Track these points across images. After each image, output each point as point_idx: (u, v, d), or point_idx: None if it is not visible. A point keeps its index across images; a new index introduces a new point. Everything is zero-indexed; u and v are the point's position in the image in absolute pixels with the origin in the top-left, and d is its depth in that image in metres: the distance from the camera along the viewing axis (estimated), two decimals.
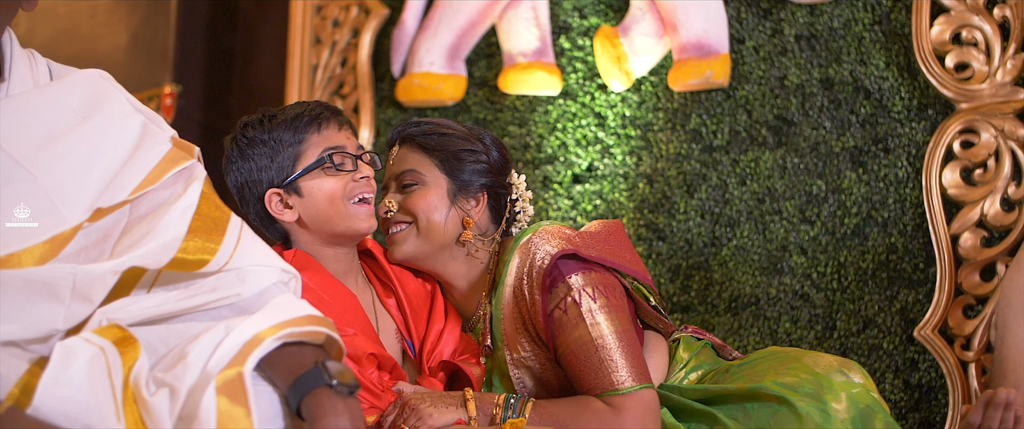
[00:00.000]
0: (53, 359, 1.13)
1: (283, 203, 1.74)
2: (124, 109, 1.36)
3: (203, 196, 1.33)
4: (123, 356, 1.16)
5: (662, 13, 2.74)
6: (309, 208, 1.73)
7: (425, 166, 1.79)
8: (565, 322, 1.65)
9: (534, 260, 1.68)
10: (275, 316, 1.23)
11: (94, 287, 1.20)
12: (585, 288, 1.65)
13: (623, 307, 1.69)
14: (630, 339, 1.65)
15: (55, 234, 1.22)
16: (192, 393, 1.12)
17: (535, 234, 1.72)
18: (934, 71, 2.47)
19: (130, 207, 1.29)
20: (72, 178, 1.27)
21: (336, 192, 1.73)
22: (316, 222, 1.74)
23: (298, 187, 1.73)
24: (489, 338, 1.75)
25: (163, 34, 3.33)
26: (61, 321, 1.18)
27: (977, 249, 2.38)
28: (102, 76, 1.39)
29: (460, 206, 1.79)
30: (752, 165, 2.64)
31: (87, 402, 1.12)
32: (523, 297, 1.69)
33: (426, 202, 1.77)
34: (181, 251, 1.26)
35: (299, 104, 1.78)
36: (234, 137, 1.76)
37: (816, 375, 1.62)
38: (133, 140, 1.34)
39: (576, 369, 1.65)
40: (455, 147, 1.79)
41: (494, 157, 1.83)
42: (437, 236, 1.77)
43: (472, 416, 1.61)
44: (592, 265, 1.69)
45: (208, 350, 1.16)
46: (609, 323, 1.64)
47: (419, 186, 1.78)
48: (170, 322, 1.26)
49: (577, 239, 1.72)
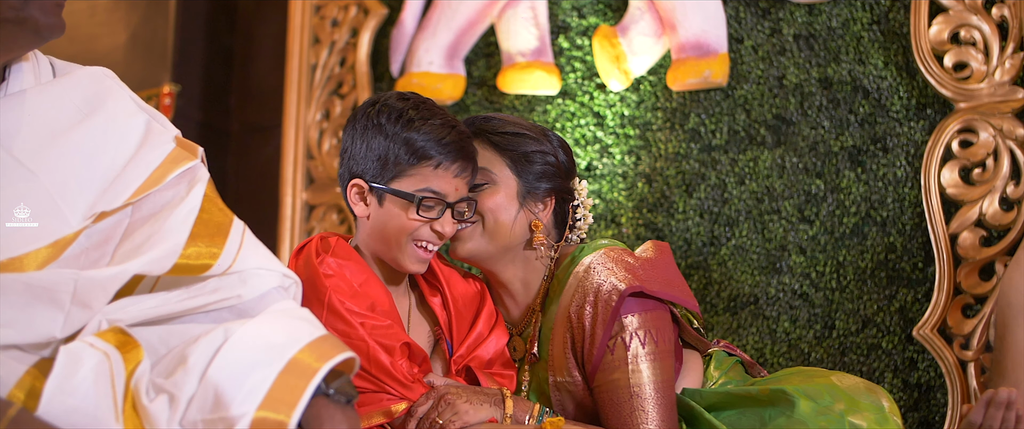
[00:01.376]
0: (58, 365, 1.12)
1: (361, 196, 1.72)
2: (128, 107, 1.35)
3: (206, 198, 1.32)
4: (126, 362, 1.15)
5: (661, 13, 2.74)
6: (377, 220, 1.71)
7: (496, 165, 1.76)
8: (609, 361, 1.64)
9: (600, 292, 1.65)
10: (296, 334, 1.19)
11: (95, 294, 1.19)
12: (637, 331, 1.64)
13: (669, 352, 1.68)
14: (667, 390, 1.64)
15: (58, 238, 1.21)
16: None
17: (597, 258, 1.69)
18: (933, 70, 2.47)
19: (132, 208, 1.29)
20: (74, 177, 1.25)
21: (407, 228, 1.69)
22: (375, 234, 1.72)
23: (382, 196, 1.69)
24: (536, 347, 1.74)
25: (162, 33, 3.33)
26: (59, 329, 1.17)
27: (976, 248, 2.39)
28: (105, 73, 1.38)
29: (529, 209, 1.76)
30: (751, 164, 2.64)
31: (92, 411, 1.11)
32: (580, 326, 1.67)
33: (495, 202, 1.74)
34: (183, 257, 1.25)
35: (445, 125, 1.69)
36: (370, 110, 1.71)
37: (841, 391, 1.65)
38: (137, 139, 1.33)
39: (606, 409, 1.65)
40: (527, 147, 1.76)
41: (562, 159, 1.80)
42: (502, 237, 1.75)
43: (509, 414, 1.60)
44: (650, 303, 1.67)
45: (207, 355, 1.15)
46: (651, 373, 1.63)
47: (489, 185, 1.75)
48: (170, 323, 1.25)
49: (640, 271, 1.69)
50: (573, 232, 1.83)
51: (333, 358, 1.17)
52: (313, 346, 1.18)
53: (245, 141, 3.47)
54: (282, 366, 1.14)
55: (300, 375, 1.14)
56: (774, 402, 1.65)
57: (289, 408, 1.11)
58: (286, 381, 1.13)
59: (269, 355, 1.15)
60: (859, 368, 2.47)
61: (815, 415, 1.60)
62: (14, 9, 1.22)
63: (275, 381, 1.13)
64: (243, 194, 3.35)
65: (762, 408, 1.66)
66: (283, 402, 1.11)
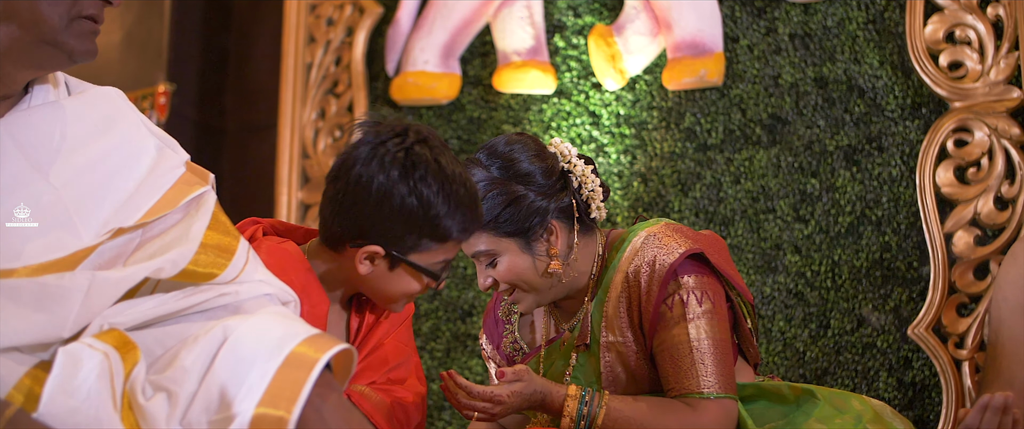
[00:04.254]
0: (57, 366, 1.11)
1: (372, 262, 1.65)
2: (139, 131, 1.37)
3: (214, 219, 1.33)
4: (124, 362, 1.15)
5: (656, 12, 2.74)
6: (378, 279, 1.67)
7: (489, 241, 1.74)
8: (668, 318, 1.67)
9: (658, 255, 1.69)
10: (293, 329, 1.19)
11: (106, 294, 1.19)
12: (694, 290, 1.67)
13: (725, 317, 1.70)
14: (725, 349, 1.67)
15: (73, 251, 1.22)
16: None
17: (656, 228, 1.73)
18: (928, 70, 2.47)
19: (143, 230, 1.30)
20: (90, 194, 1.27)
21: (409, 292, 1.68)
22: (368, 286, 1.69)
23: (397, 265, 1.65)
24: (589, 337, 1.76)
25: (157, 32, 3.32)
26: (67, 329, 1.17)
27: (970, 248, 2.39)
28: (118, 94, 1.40)
29: (539, 252, 1.75)
30: (746, 164, 2.65)
31: (94, 412, 1.11)
32: (636, 284, 1.70)
33: (513, 270, 1.74)
34: (192, 264, 1.26)
35: (467, 198, 1.63)
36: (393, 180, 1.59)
37: (867, 406, 1.71)
38: (149, 161, 1.34)
39: (666, 366, 1.67)
40: (497, 209, 1.72)
41: (540, 183, 1.76)
42: (540, 284, 1.76)
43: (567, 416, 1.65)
44: (707, 269, 1.70)
45: (208, 353, 1.15)
46: (709, 328, 1.65)
47: (497, 259, 1.75)
48: (166, 323, 1.25)
49: (702, 241, 1.73)
50: (593, 210, 1.79)
51: (332, 349, 1.17)
52: (312, 340, 1.18)
53: (240, 140, 3.46)
54: (281, 360, 1.14)
55: (300, 367, 1.13)
56: (800, 402, 1.71)
57: (289, 403, 1.10)
58: (286, 375, 1.12)
59: (268, 350, 1.15)
60: (854, 367, 2.47)
61: (834, 416, 1.67)
62: (53, 32, 1.24)
63: (275, 375, 1.12)
64: (239, 193, 3.35)
65: (787, 405, 1.72)
66: (283, 397, 1.11)
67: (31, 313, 1.16)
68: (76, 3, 1.25)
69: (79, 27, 1.26)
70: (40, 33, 1.23)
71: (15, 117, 1.27)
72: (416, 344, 1.88)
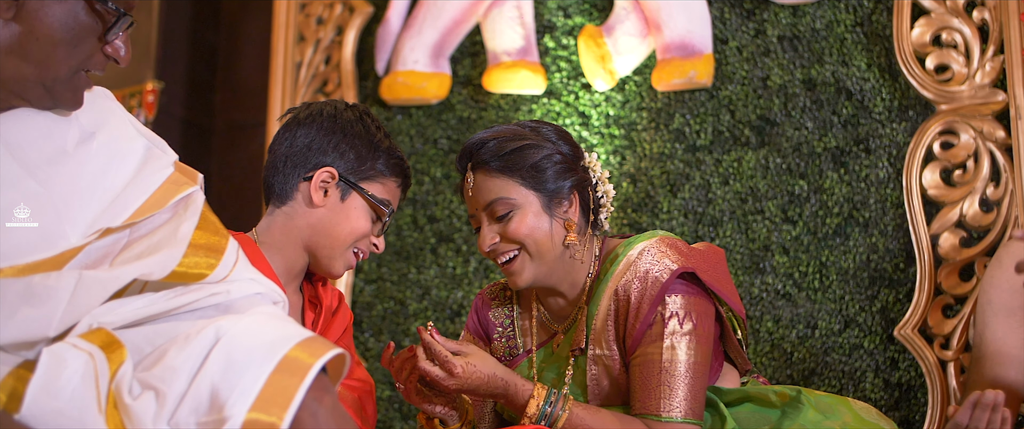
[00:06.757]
0: (41, 366, 1.10)
1: (325, 190, 1.70)
2: (127, 131, 1.36)
3: (203, 218, 1.33)
4: (110, 362, 1.14)
5: (646, 13, 2.75)
6: (329, 216, 1.71)
7: (511, 189, 1.70)
8: (647, 335, 1.65)
9: (650, 271, 1.66)
10: (287, 332, 1.18)
11: (94, 293, 1.19)
12: (679, 311, 1.64)
13: (708, 338, 1.68)
14: (699, 375, 1.64)
15: (60, 251, 1.21)
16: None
17: (651, 243, 1.70)
18: (915, 72, 2.49)
19: (130, 230, 1.29)
20: (77, 193, 1.26)
21: (357, 232, 1.72)
22: (318, 231, 1.72)
23: (348, 193, 1.71)
24: (584, 341, 1.73)
25: (146, 30, 3.31)
26: (53, 328, 1.16)
27: (956, 249, 2.41)
28: (105, 94, 1.39)
29: (558, 215, 1.72)
30: (735, 165, 2.66)
31: (78, 414, 1.10)
32: (626, 299, 1.68)
33: (527, 225, 1.69)
34: (181, 265, 1.25)
35: (403, 160, 1.79)
36: (349, 113, 1.74)
37: (853, 411, 1.71)
38: (136, 161, 1.33)
39: (635, 382, 1.65)
40: (533, 158, 1.70)
41: (566, 151, 1.74)
42: (549, 252, 1.71)
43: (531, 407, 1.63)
44: (698, 288, 1.68)
45: (199, 354, 1.14)
46: (686, 351, 1.63)
47: (514, 212, 1.70)
48: (156, 322, 1.25)
49: (693, 258, 1.70)
50: (601, 212, 1.79)
51: (326, 354, 1.16)
52: (305, 343, 1.17)
53: (229, 139, 3.45)
54: (275, 364, 1.12)
55: (294, 373, 1.12)
56: (786, 408, 1.70)
57: (281, 409, 1.09)
58: (279, 380, 1.11)
59: (262, 353, 1.13)
60: (841, 368, 2.48)
61: (820, 421, 1.67)
62: (55, 80, 1.24)
63: (267, 380, 1.11)
64: (227, 192, 3.34)
65: (774, 411, 1.71)
66: (275, 403, 1.09)
67: (16, 312, 1.15)
68: (90, 58, 1.25)
69: (78, 80, 1.26)
70: (43, 77, 1.23)
71: (2, 118, 1.26)
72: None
